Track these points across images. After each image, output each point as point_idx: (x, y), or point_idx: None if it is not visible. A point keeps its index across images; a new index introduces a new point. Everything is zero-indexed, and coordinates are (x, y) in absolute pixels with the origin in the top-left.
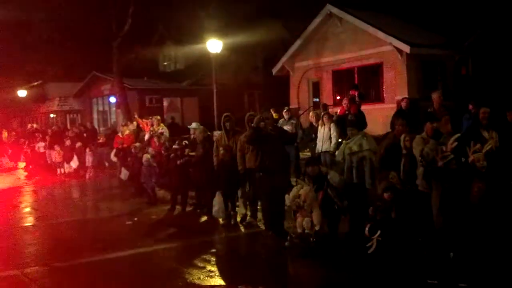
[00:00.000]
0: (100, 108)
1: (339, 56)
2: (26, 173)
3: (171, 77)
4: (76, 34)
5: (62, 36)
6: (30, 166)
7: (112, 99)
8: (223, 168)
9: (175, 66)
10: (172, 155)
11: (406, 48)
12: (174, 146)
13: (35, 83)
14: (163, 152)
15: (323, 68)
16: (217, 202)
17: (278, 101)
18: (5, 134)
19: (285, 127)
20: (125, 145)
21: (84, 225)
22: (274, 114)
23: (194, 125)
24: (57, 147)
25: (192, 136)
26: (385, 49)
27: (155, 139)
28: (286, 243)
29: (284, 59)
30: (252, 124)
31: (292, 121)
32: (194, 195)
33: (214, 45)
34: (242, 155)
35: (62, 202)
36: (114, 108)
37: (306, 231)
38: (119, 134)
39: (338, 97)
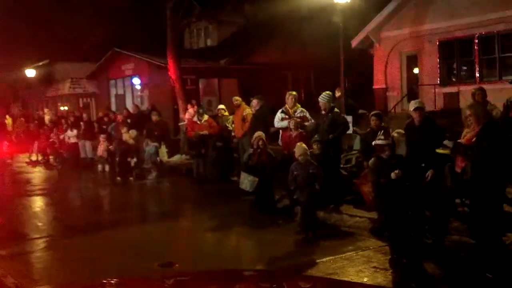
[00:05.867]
0: (120, 92)
1: (450, 22)
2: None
3: (201, 55)
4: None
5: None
6: (57, 160)
7: (136, 80)
8: None
9: (205, 42)
10: (372, 160)
11: None
12: (377, 142)
13: (41, 63)
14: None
15: (425, 37)
16: None
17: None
18: (8, 120)
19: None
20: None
21: None
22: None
23: (416, 103)
24: (102, 138)
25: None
26: None
27: (292, 127)
28: None
29: (369, 27)
30: None
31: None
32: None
33: None
34: None
35: (164, 230)
36: (137, 92)
37: None
38: (196, 120)
39: None
